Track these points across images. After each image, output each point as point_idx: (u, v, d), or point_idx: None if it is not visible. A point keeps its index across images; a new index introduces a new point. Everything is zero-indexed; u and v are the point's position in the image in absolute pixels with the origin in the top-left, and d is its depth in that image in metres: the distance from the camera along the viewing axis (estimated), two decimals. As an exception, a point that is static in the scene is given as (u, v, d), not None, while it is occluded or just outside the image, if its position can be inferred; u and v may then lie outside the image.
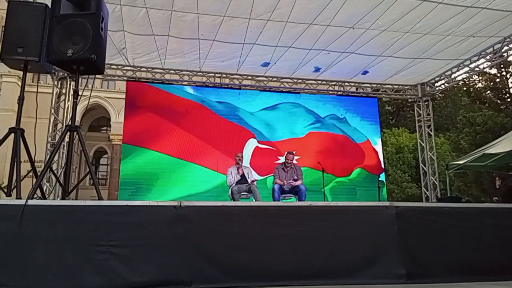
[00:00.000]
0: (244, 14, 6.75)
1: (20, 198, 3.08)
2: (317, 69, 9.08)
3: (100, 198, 3.34)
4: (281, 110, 9.59)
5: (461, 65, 8.86)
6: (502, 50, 8.01)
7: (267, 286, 2.86)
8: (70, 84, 8.48)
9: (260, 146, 9.28)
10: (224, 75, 9.35)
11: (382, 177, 9.63)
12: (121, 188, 8.62)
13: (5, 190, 3.33)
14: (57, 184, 6.47)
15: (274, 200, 6.41)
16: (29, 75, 5.32)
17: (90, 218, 2.82)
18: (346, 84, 10.01)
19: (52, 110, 8.48)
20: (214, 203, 3.25)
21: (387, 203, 3.52)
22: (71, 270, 2.69)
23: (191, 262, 2.87)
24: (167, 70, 9.14)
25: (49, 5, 3.57)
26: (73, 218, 2.81)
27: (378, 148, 9.93)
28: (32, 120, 3.58)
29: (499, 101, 18.91)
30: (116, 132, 21.90)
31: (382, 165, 9.96)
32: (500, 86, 19.28)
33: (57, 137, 8.31)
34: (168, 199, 7.99)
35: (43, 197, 3.72)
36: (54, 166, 7.59)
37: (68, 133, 3.66)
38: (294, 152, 7.10)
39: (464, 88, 21.46)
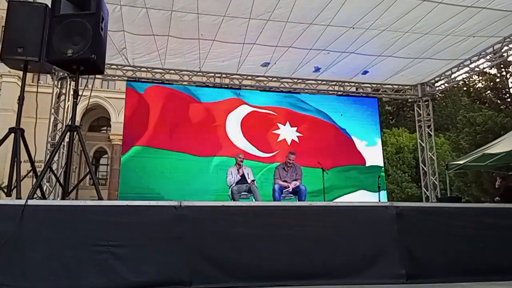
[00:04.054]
0: (244, 14, 6.75)
1: (20, 198, 3.08)
2: (317, 69, 9.07)
3: (100, 198, 3.34)
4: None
5: (461, 65, 8.85)
6: (502, 50, 8.01)
7: (267, 286, 2.86)
8: (70, 84, 8.48)
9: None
10: (224, 75, 9.34)
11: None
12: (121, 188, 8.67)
13: (5, 190, 3.33)
14: (57, 184, 6.47)
15: (274, 200, 6.41)
16: (29, 75, 5.32)
17: (90, 218, 2.83)
18: (346, 84, 10.01)
19: (52, 110, 8.48)
20: (214, 203, 3.26)
21: (387, 203, 3.53)
22: (71, 270, 2.69)
23: (191, 262, 2.87)
24: (167, 70, 9.14)
25: (49, 5, 3.56)
26: (73, 218, 2.81)
27: (378, 147, 9.93)
28: (32, 120, 3.57)
29: (499, 101, 18.89)
30: (116, 132, 21.89)
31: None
32: (500, 86, 19.26)
33: (57, 137, 8.31)
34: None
35: (43, 197, 3.72)
36: (54, 166, 7.58)
37: (68, 133, 3.65)
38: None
39: (464, 88, 21.44)
